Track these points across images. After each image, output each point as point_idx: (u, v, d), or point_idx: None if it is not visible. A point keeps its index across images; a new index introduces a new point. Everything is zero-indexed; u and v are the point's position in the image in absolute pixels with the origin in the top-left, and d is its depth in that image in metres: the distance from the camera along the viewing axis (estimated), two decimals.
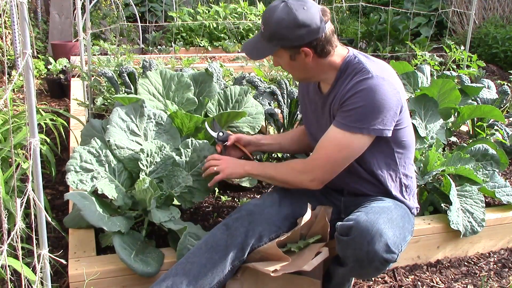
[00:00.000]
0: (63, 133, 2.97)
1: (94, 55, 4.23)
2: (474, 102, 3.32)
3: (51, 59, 4.92)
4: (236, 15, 7.30)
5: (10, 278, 1.73)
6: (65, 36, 6.36)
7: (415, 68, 3.55)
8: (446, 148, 3.12)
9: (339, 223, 1.67)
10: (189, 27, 6.99)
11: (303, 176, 1.77)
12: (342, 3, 8.64)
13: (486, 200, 2.50)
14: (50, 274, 1.38)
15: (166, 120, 2.21)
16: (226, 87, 2.76)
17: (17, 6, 1.12)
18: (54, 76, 4.70)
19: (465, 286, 2.05)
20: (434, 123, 2.77)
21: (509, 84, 4.64)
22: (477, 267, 2.20)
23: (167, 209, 1.97)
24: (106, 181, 1.94)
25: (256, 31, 7.21)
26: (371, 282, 2.03)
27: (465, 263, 2.22)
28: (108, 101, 3.44)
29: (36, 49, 6.16)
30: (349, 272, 1.75)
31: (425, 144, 2.62)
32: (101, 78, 3.44)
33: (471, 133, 3.47)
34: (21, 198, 1.13)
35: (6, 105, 2.98)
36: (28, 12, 3.01)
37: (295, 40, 1.66)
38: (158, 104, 2.52)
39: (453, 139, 3.32)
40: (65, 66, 4.70)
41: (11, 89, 3.77)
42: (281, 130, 2.91)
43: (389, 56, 6.14)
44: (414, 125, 2.59)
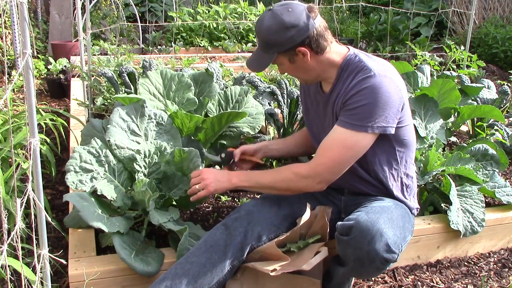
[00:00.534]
0: (63, 133, 2.97)
1: (94, 55, 4.23)
2: (474, 102, 3.32)
3: (51, 59, 4.92)
4: (236, 15, 7.30)
5: (10, 278, 1.73)
6: (65, 36, 6.36)
7: (415, 68, 3.55)
8: (446, 148, 3.12)
9: (340, 223, 1.67)
10: (189, 27, 6.99)
11: (309, 180, 1.74)
12: (342, 3, 8.64)
13: (486, 200, 2.50)
14: (50, 274, 1.38)
15: (167, 120, 2.21)
16: (226, 87, 2.76)
17: (17, 6, 1.12)
18: (54, 76, 4.70)
19: (465, 286, 2.05)
20: (434, 123, 2.77)
21: (509, 84, 4.64)
22: (477, 267, 2.20)
23: (166, 210, 1.97)
24: (105, 182, 1.93)
25: None
26: (371, 282, 2.03)
27: (465, 263, 2.22)
28: (108, 101, 3.44)
29: (36, 49, 6.16)
30: (349, 272, 1.75)
31: (425, 144, 2.62)
32: (101, 78, 3.44)
33: (471, 133, 3.47)
34: (21, 198, 1.13)
35: (6, 105, 2.98)
36: (28, 12, 3.01)
37: (288, 43, 1.67)
38: (159, 104, 2.52)
39: (453, 139, 3.32)
40: (65, 66, 4.70)
41: (11, 89, 3.77)
42: (281, 130, 2.91)
43: (389, 56, 6.14)
44: (414, 125, 2.59)
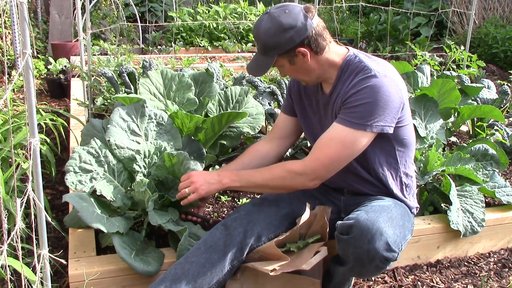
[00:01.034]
0: (63, 133, 2.97)
1: (94, 55, 4.23)
2: (474, 102, 3.32)
3: (51, 59, 4.92)
4: (236, 15, 7.30)
5: (10, 278, 1.73)
6: (65, 36, 6.36)
7: (415, 68, 3.55)
8: (446, 148, 3.12)
9: (340, 222, 1.67)
10: (189, 27, 6.99)
11: (304, 177, 1.74)
12: (342, 3, 8.64)
13: (486, 200, 2.50)
14: (50, 274, 1.38)
15: (167, 121, 2.21)
16: (226, 87, 2.76)
17: (17, 6, 1.11)
18: (54, 76, 4.70)
19: (465, 286, 2.05)
20: (434, 123, 2.77)
21: (509, 84, 4.64)
22: (477, 267, 2.20)
23: (166, 211, 1.96)
24: (105, 182, 1.93)
25: None
26: (371, 282, 2.03)
27: (465, 263, 2.22)
28: (108, 101, 3.44)
29: (36, 49, 6.16)
30: (350, 271, 1.75)
31: (425, 144, 2.62)
32: (101, 78, 3.45)
33: (471, 133, 3.47)
34: (21, 198, 1.13)
35: (6, 105, 2.98)
36: (28, 12, 3.01)
37: (287, 44, 1.67)
38: (159, 104, 2.52)
39: (453, 139, 3.32)
40: (65, 66, 4.70)
41: (11, 89, 3.77)
42: None
43: (389, 56, 6.14)
44: (414, 125, 2.59)
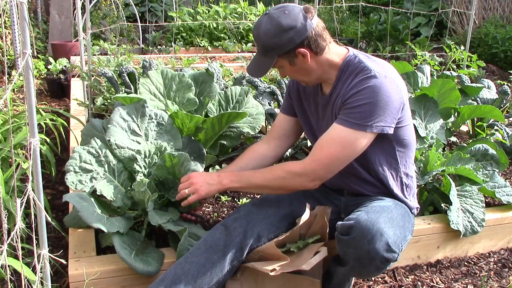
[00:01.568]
0: (63, 133, 2.97)
1: (94, 55, 4.23)
2: (474, 102, 3.32)
3: (51, 59, 4.92)
4: (236, 15, 7.30)
5: (10, 278, 1.73)
6: (65, 36, 6.36)
7: (415, 68, 3.55)
8: (446, 148, 3.12)
9: (340, 223, 1.67)
10: (189, 27, 6.99)
11: (303, 178, 1.74)
12: (342, 3, 8.64)
13: (486, 200, 2.50)
14: (50, 274, 1.38)
15: (167, 121, 2.21)
16: (227, 87, 2.76)
17: (17, 6, 1.12)
18: (54, 76, 4.70)
19: (465, 286, 2.05)
20: (434, 123, 2.77)
21: (509, 84, 4.63)
22: (477, 267, 2.20)
23: (166, 211, 1.96)
24: (105, 182, 1.93)
25: None
26: (371, 282, 2.03)
27: (465, 263, 2.22)
28: (108, 101, 3.44)
29: (36, 49, 6.16)
30: (350, 272, 1.75)
31: (425, 144, 2.62)
32: (101, 78, 3.45)
33: (471, 133, 3.47)
34: (21, 198, 1.13)
35: (6, 105, 2.98)
36: (28, 12, 3.01)
37: (287, 45, 1.67)
38: (159, 104, 2.52)
39: (453, 139, 3.32)
40: (65, 66, 4.70)
41: (11, 89, 3.77)
42: None
43: (389, 56, 6.14)
44: (414, 125, 2.59)
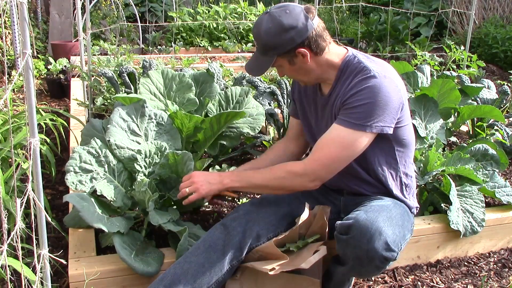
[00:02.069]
0: (63, 133, 2.97)
1: (94, 55, 4.23)
2: (474, 102, 3.32)
3: (51, 59, 4.92)
4: (236, 15, 7.30)
5: (10, 278, 1.73)
6: (65, 36, 6.36)
7: (415, 68, 3.55)
8: (446, 148, 3.12)
9: (339, 222, 1.67)
10: (189, 27, 6.99)
11: (304, 178, 1.73)
12: (342, 3, 8.64)
13: (486, 200, 2.50)
14: (50, 274, 1.38)
15: (167, 121, 2.21)
16: (227, 88, 2.76)
17: (17, 6, 1.12)
18: (54, 76, 4.70)
19: (465, 286, 2.05)
20: (434, 123, 2.77)
21: (509, 84, 4.63)
22: (477, 267, 2.20)
23: (166, 211, 1.97)
24: (105, 182, 1.93)
25: None
26: (371, 282, 2.03)
27: (465, 263, 2.22)
28: (108, 101, 3.44)
29: (36, 49, 6.16)
30: (349, 271, 1.75)
31: (425, 144, 2.62)
32: (101, 78, 3.44)
33: (471, 133, 3.47)
34: (21, 198, 1.13)
35: (6, 105, 2.98)
36: (28, 12, 3.01)
37: (287, 44, 1.67)
38: (159, 104, 2.52)
39: (453, 139, 3.32)
40: (65, 66, 4.70)
41: (11, 89, 3.77)
42: (281, 130, 2.90)
43: (389, 56, 6.14)
44: (414, 125, 2.59)
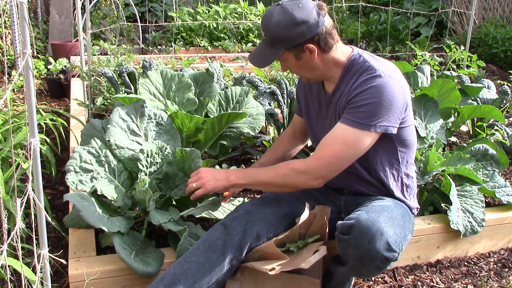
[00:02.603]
0: (63, 133, 2.97)
1: (94, 55, 4.23)
2: (474, 102, 3.32)
3: (51, 59, 4.91)
4: (236, 15, 7.30)
5: (10, 278, 1.73)
6: (65, 36, 6.36)
7: (415, 68, 3.55)
8: (446, 148, 3.12)
9: (340, 222, 1.67)
10: (189, 27, 6.99)
11: (306, 176, 1.72)
12: (342, 3, 8.64)
13: (486, 200, 2.50)
14: (50, 274, 1.38)
15: (167, 121, 2.21)
16: (227, 87, 2.76)
17: (17, 6, 1.12)
18: (54, 76, 4.70)
19: (465, 286, 2.05)
20: (434, 123, 2.77)
21: (509, 84, 4.64)
22: (477, 267, 2.20)
23: (167, 210, 1.97)
24: (106, 182, 1.93)
25: (256, 31, 7.22)
26: (371, 282, 2.03)
27: (465, 263, 2.22)
28: (108, 101, 3.44)
29: (36, 49, 6.16)
30: (350, 271, 1.75)
31: (425, 144, 2.62)
32: (101, 78, 3.44)
33: (471, 133, 3.47)
34: (21, 198, 1.13)
35: (6, 105, 2.98)
36: (28, 12, 3.01)
37: (297, 38, 1.65)
38: (159, 104, 2.52)
39: (453, 139, 3.32)
40: (65, 66, 4.70)
41: (11, 89, 3.77)
42: (281, 130, 2.91)
43: (389, 56, 6.14)
44: (414, 125, 2.59)
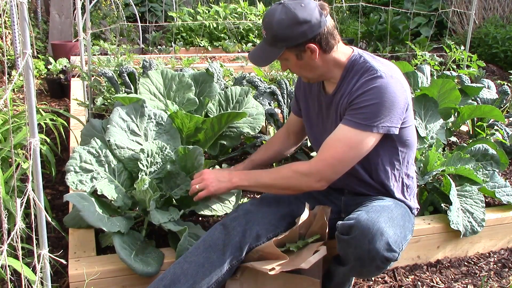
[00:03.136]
0: (63, 133, 2.97)
1: (94, 55, 4.23)
2: (474, 102, 3.32)
3: (51, 59, 4.92)
4: (236, 15, 7.30)
5: (10, 278, 1.73)
6: (65, 36, 6.36)
7: (415, 68, 3.55)
8: (446, 148, 3.12)
9: (340, 222, 1.67)
10: (189, 27, 6.99)
11: (309, 178, 1.72)
12: (342, 3, 8.64)
13: (486, 200, 2.50)
14: (50, 274, 1.38)
15: (167, 120, 2.21)
16: (227, 87, 2.76)
17: (17, 6, 1.12)
18: (54, 76, 4.70)
19: (465, 286, 2.05)
20: (434, 123, 2.77)
21: (509, 84, 4.64)
22: (477, 267, 2.20)
23: (167, 210, 1.97)
24: (106, 182, 1.93)
25: (256, 31, 7.21)
26: (371, 282, 2.03)
27: (465, 263, 2.22)
28: (108, 101, 3.44)
29: (36, 49, 6.16)
30: (350, 271, 1.75)
31: (425, 144, 2.62)
32: (101, 78, 3.44)
33: (471, 133, 3.47)
34: (21, 198, 1.13)
35: (6, 105, 2.98)
36: (28, 12, 3.01)
37: (299, 38, 1.65)
38: (159, 104, 2.52)
39: (453, 139, 3.32)
40: (65, 66, 4.70)
41: (11, 89, 3.77)
42: None
43: (389, 56, 6.14)
44: (415, 125, 2.59)
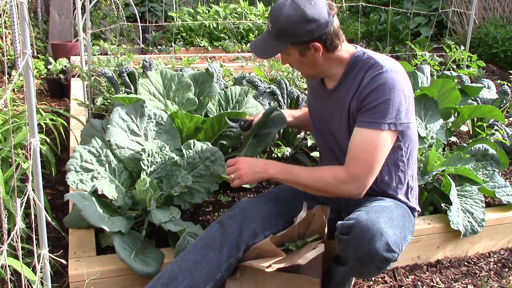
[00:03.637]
0: (63, 133, 2.97)
1: (94, 55, 4.22)
2: (474, 102, 3.32)
3: (51, 59, 4.91)
4: (236, 15, 7.29)
5: (10, 278, 1.73)
6: (65, 36, 6.36)
7: (415, 68, 3.55)
8: (446, 148, 3.12)
9: (340, 222, 1.67)
10: (189, 27, 6.99)
11: (348, 185, 1.68)
12: (342, 3, 8.64)
13: (486, 200, 2.50)
14: (50, 274, 1.38)
15: (166, 120, 2.21)
16: (226, 87, 2.76)
17: (17, 6, 1.12)
18: (54, 76, 4.70)
19: (465, 286, 2.05)
20: (434, 123, 2.77)
21: (509, 84, 4.64)
22: (477, 267, 2.20)
23: (167, 209, 1.97)
24: (107, 181, 1.94)
25: (256, 31, 7.21)
26: (371, 282, 2.03)
27: (465, 263, 2.22)
28: (108, 101, 3.44)
29: (36, 49, 6.16)
30: (350, 271, 1.75)
31: (425, 144, 2.62)
32: (101, 78, 3.44)
33: (471, 133, 3.47)
34: (21, 198, 1.13)
35: (6, 105, 2.98)
36: (28, 12, 3.01)
37: (305, 36, 1.65)
38: (159, 104, 2.52)
39: (453, 139, 3.32)
40: (65, 66, 4.70)
41: (11, 89, 3.77)
42: (281, 130, 2.91)
43: (389, 56, 6.13)
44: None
